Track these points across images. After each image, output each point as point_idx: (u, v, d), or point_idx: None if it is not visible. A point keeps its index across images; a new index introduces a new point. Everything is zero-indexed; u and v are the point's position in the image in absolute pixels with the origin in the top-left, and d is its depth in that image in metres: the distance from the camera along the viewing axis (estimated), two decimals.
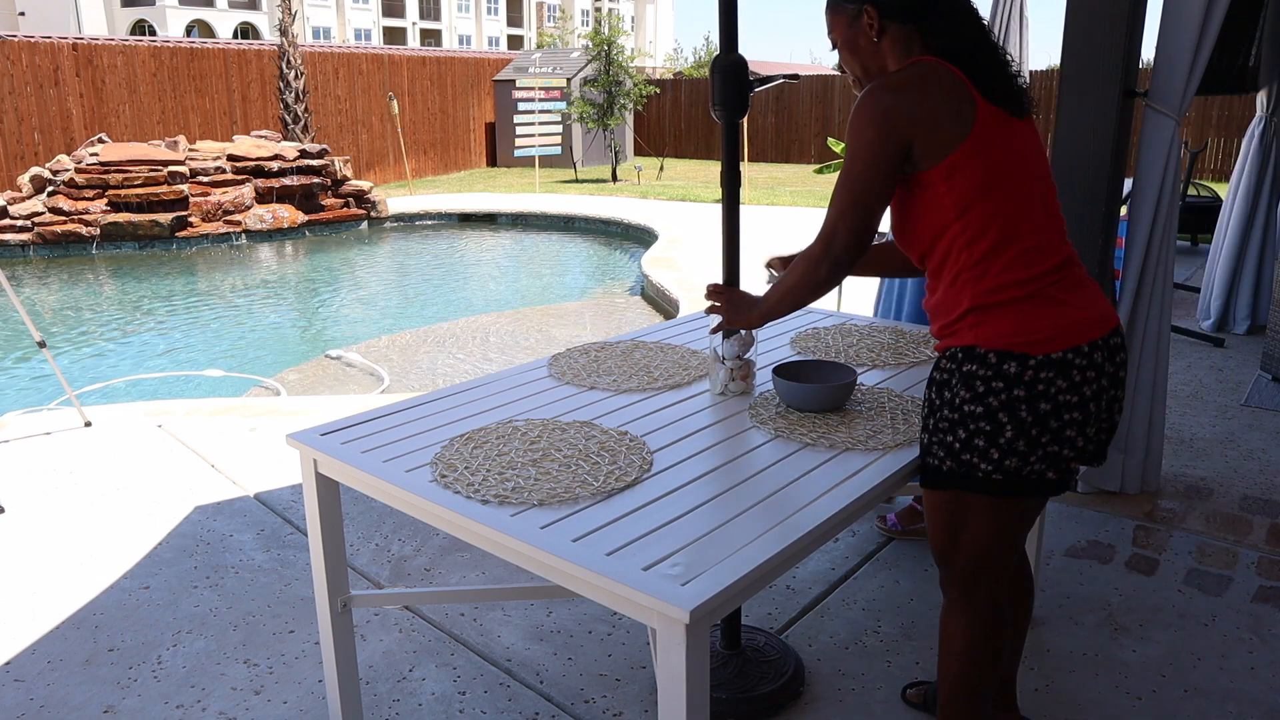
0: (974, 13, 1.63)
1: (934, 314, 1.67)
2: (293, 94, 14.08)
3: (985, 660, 1.73)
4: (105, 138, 11.26)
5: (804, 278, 1.68)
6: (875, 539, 2.99)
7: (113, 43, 13.37)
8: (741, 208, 2.17)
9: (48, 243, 9.79)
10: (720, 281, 2.12)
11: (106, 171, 10.14)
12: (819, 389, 1.86)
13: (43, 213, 9.91)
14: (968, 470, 1.58)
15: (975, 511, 1.62)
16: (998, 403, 1.54)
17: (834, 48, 1.72)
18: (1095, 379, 1.56)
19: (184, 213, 10.28)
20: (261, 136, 12.20)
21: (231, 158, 11.03)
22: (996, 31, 6.60)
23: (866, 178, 1.56)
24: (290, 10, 13.80)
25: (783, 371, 1.94)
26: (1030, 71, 10.65)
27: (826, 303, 4.89)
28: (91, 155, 10.31)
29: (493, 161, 19.32)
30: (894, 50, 1.63)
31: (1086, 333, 1.56)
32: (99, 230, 9.86)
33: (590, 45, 16.72)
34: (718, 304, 1.92)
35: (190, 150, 11.07)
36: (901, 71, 1.59)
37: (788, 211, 11.71)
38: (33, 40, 12.26)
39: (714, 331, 1.95)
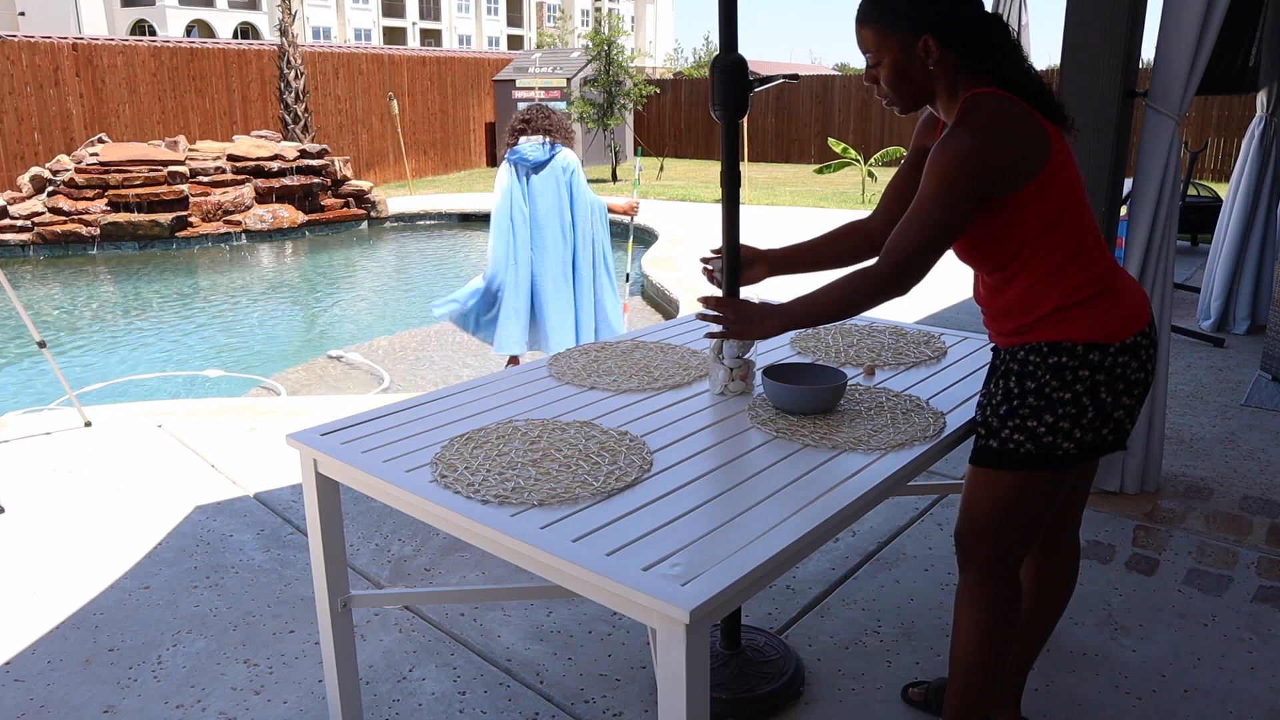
0: (1012, 36, 1.68)
1: (1005, 314, 1.74)
2: (293, 94, 14.07)
3: (1001, 642, 1.78)
4: (105, 138, 11.26)
5: (860, 297, 1.67)
6: (875, 539, 2.99)
7: (113, 43, 13.37)
8: (741, 208, 2.17)
9: (48, 243, 9.79)
10: (719, 274, 2.11)
11: (106, 171, 10.14)
12: (802, 391, 1.85)
13: (43, 213, 9.91)
14: (1048, 451, 1.69)
15: (1038, 488, 1.73)
16: (1083, 388, 1.67)
17: (873, 65, 1.70)
18: (1152, 354, 1.74)
19: (184, 213, 10.28)
20: (261, 136, 12.20)
21: (231, 158, 11.03)
22: None
23: (949, 216, 1.60)
24: (290, 10, 13.80)
25: (772, 373, 1.94)
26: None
27: None
28: (91, 155, 10.31)
29: (493, 161, 19.31)
30: (945, 75, 1.67)
31: (1144, 316, 1.73)
32: (99, 230, 9.86)
33: (590, 45, 16.72)
34: (720, 316, 1.80)
35: (190, 150, 11.07)
36: (981, 110, 1.61)
37: (788, 211, 11.71)
38: (33, 40, 12.26)
39: (709, 336, 1.91)
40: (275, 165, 11.07)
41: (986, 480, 1.75)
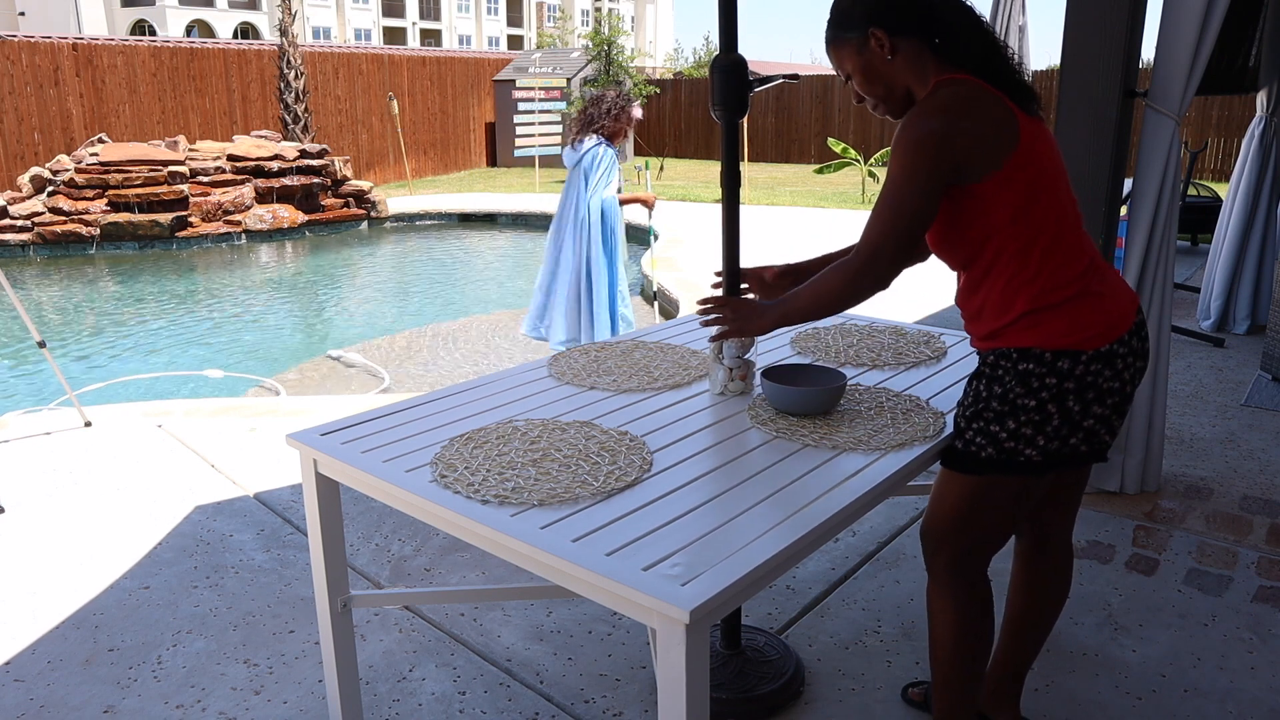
0: (979, 20, 1.65)
1: (979, 315, 1.71)
2: (293, 94, 14.08)
3: (974, 640, 1.78)
4: (105, 138, 11.26)
5: (841, 291, 1.66)
6: (875, 539, 2.99)
7: (113, 43, 13.37)
8: (741, 208, 2.17)
9: (48, 243, 9.79)
10: (718, 276, 2.11)
11: (106, 171, 10.14)
12: (801, 393, 1.84)
13: (43, 213, 9.91)
14: (1009, 456, 1.66)
15: (1000, 493, 1.70)
16: (1048, 395, 1.63)
17: (847, 80, 1.72)
18: (1133, 362, 1.68)
19: (184, 213, 10.28)
20: (261, 136, 12.20)
21: (231, 158, 11.03)
22: (997, 33, 6.61)
23: (915, 200, 1.58)
24: (290, 10, 13.80)
25: (771, 375, 1.93)
26: (1030, 72, 10.67)
27: None
28: (91, 155, 10.31)
29: (493, 161, 19.32)
30: (909, 67, 1.65)
31: (1125, 321, 1.66)
32: (99, 230, 9.86)
33: (590, 45, 16.73)
34: (720, 315, 1.85)
35: (190, 150, 11.07)
36: (941, 94, 1.59)
37: (788, 211, 11.71)
38: (33, 40, 12.26)
39: (713, 340, 1.92)
40: (275, 165, 11.07)
41: (950, 481, 1.74)
